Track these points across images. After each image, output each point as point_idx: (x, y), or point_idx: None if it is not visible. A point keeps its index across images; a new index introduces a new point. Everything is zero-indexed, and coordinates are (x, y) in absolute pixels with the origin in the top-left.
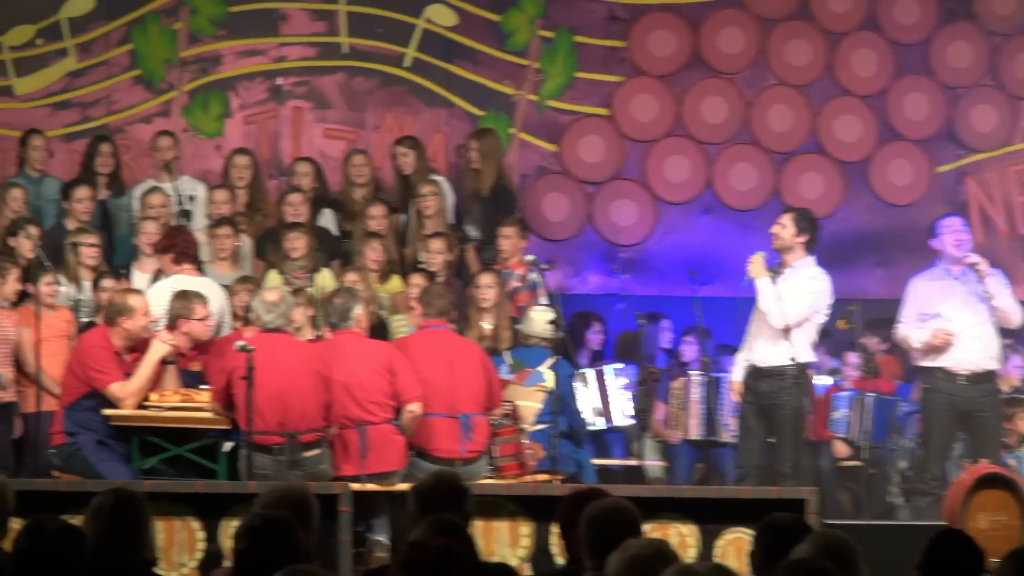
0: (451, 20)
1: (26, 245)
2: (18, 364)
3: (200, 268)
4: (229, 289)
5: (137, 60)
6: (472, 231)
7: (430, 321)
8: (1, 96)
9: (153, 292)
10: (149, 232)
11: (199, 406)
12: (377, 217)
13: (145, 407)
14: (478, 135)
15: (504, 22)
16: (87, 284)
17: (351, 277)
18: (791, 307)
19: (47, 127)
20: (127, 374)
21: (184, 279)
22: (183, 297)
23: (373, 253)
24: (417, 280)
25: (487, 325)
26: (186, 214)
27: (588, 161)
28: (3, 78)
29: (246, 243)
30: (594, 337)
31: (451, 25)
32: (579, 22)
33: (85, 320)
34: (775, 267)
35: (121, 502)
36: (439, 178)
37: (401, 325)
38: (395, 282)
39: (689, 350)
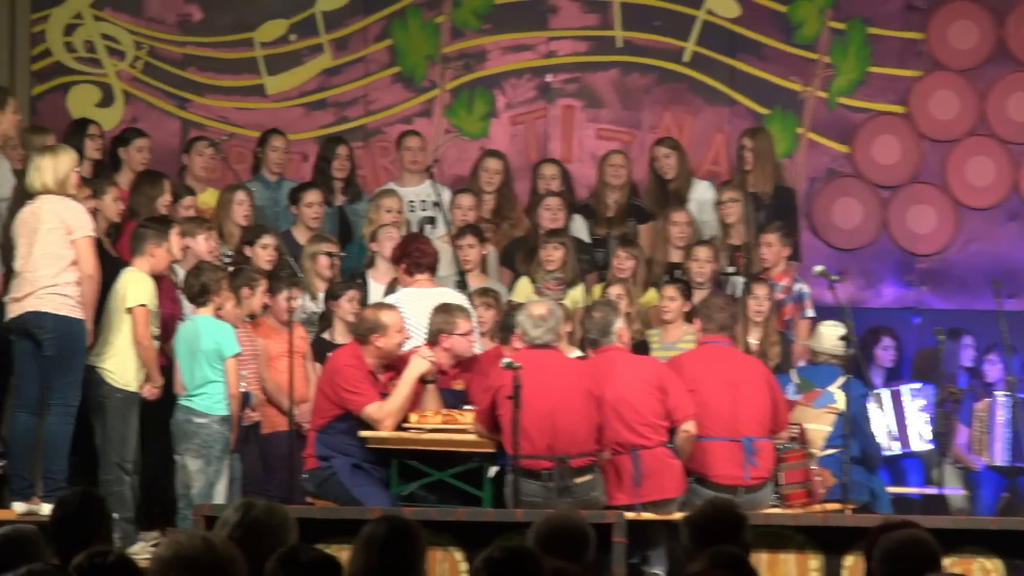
0: (734, 11)
1: (263, 255)
2: None
3: (461, 280)
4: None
5: (397, 56)
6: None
7: (710, 336)
8: (252, 96)
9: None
10: (392, 238)
11: (462, 428)
12: (680, 224)
13: (404, 429)
14: (751, 134)
15: (791, 13)
16: (319, 296)
17: (615, 291)
18: None
19: (300, 129)
20: (382, 394)
21: (417, 292)
22: (445, 311)
23: (617, 260)
24: (668, 292)
25: (753, 340)
26: (431, 220)
27: (882, 163)
28: (255, 76)
29: (491, 253)
30: (886, 354)
31: (734, 17)
32: (873, 12)
33: (314, 336)
34: None
35: (396, 532)
36: (704, 183)
37: (655, 342)
38: (652, 295)
39: (993, 369)
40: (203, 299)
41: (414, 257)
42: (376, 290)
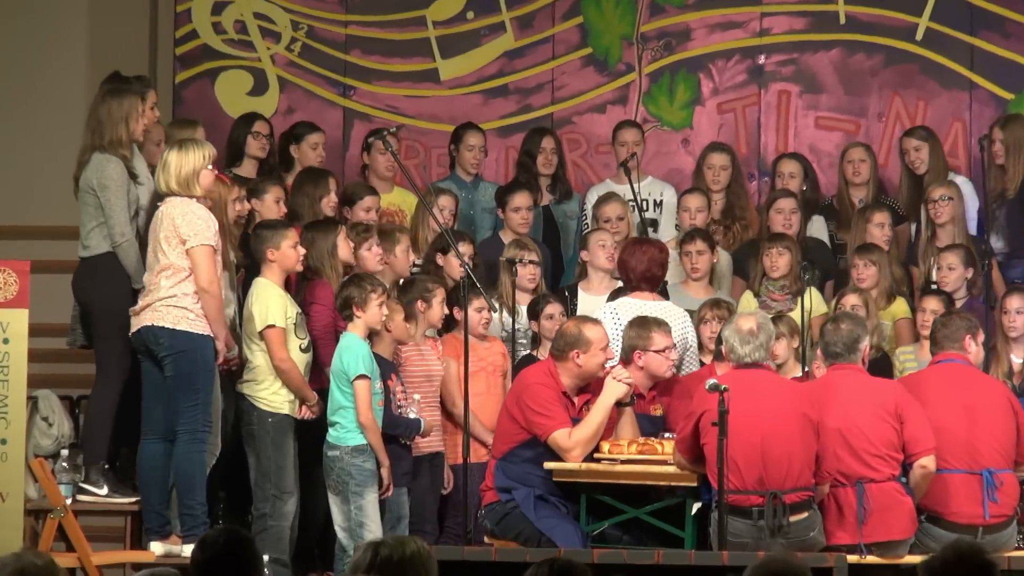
0: None
1: (455, 263)
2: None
3: (663, 290)
4: (696, 315)
5: (588, 36)
6: (996, 241)
7: (945, 354)
8: (424, 82)
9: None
10: (604, 246)
11: (660, 458)
12: (884, 225)
13: (596, 459)
14: (1002, 123)
15: None
16: (523, 310)
17: (851, 301)
18: None
19: (478, 119)
20: (574, 419)
21: (638, 303)
22: (639, 324)
23: (855, 270)
24: (930, 304)
25: (1017, 359)
26: (653, 224)
27: None
28: (427, 60)
29: (723, 259)
30: None
31: None
32: None
33: (523, 353)
34: None
35: (559, 574)
36: (960, 178)
37: (908, 359)
38: (899, 305)
39: None
40: (346, 312)
41: (632, 269)
42: (587, 304)
